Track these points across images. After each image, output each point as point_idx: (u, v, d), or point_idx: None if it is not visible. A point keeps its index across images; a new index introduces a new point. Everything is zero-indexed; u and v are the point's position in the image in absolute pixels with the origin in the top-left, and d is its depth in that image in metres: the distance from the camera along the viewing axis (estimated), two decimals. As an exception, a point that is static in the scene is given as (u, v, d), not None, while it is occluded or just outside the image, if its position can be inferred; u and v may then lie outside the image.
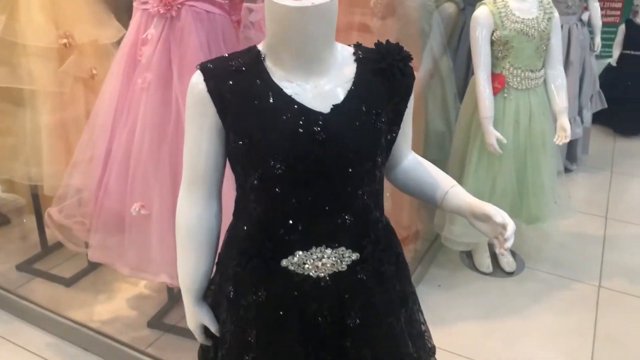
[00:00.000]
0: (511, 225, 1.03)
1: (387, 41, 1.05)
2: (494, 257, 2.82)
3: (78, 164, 2.02)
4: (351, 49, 1.05)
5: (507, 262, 2.80)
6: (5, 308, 2.45)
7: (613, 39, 4.63)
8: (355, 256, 1.03)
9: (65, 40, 2.07)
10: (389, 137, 1.05)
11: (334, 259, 1.01)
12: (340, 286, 1.02)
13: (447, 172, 2.75)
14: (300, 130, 0.94)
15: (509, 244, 1.03)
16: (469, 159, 2.51)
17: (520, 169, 2.50)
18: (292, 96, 0.96)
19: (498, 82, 2.37)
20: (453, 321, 2.44)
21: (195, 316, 1.17)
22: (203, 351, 1.25)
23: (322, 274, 1.02)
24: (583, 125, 3.70)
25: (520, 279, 2.76)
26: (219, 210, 1.11)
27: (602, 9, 5.00)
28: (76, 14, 2.10)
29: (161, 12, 1.75)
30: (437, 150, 2.89)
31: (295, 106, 0.95)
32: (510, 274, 2.77)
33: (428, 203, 1.18)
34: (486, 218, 1.06)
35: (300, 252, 1.00)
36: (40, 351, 2.22)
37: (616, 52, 4.49)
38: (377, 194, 1.07)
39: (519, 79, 2.37)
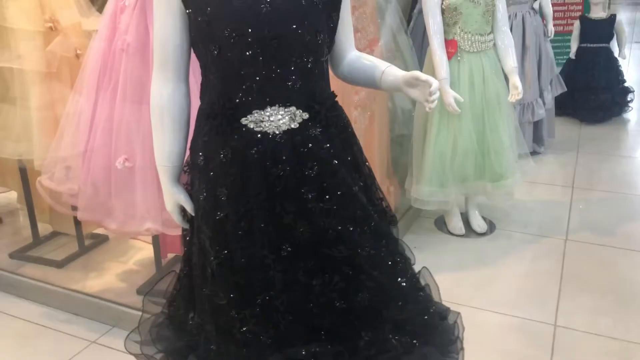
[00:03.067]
0: (435, 82, 1.21)
1: None
2: (467, 222, 2.98)
3: (65, 131, 2.18)
4: None
5: (479, 224, 2.95)
6: (-1, 287, 2.55)
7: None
8: (305, 115, 1.19)
9: (50, 24, 2.27)
10: (329, 22, 1.23)
11: (287, 117, 1.17)
12: (295, 141, 1.18)
13: (412, 142, 2.93)
14: (250, 3, 1.12)
15: (434, 97, 1.20)
16: (430, 122, 2.70)
17: (479, 129, 2.69)
18: None
19: (451, 47, 2.59)
20: (428, 274, 2.56)
21: (172, 196, 1.31)
22: (183, 237, 1.38)
23: (277, 131, 1.17)
24: (545, 107, 3.93)
25: (492, 238, 2.91)
26: (187, 92, 1.27)
27: (562, 18, 5.38)
28: (60, 1, 2.31)
29: (136, -19, 1.95)
30: (404, 126, 3.08)
31: None
32: (482, 234, 2.92)
33: (371, 86, 1.36)
34: (415, 81, 1.23)
35: (257, 111, 1.16)
36: (33, 319, 2.31)
37: (574, 46, 4.77)
38: (323, 68, 1.24)
39: (470, 43, 2.59)
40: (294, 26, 1.14)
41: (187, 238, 1.35)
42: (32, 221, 2.87)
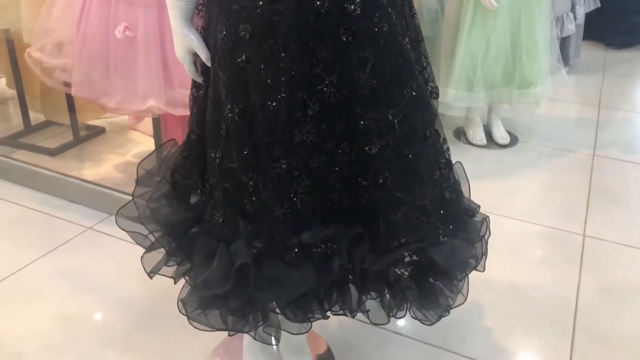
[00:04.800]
0: None
1: None
2: (488, 134, 2.80)
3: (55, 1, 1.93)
4: None
5: (501, 135, 2.77)
6: (-12, 171, 2.37)
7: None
8: None
9: None
10: None
11: None
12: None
13: (441, 42, 2.68)
14: None
15: None
16: (462, 18, 2.45)
17: (515, 29, 2.45)
18: None
19: None
20: (447, 181, 2.40)
21: (184, 39, 1.10)
22: (194, 95, 1.19)
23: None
24: (576, 22, 3.65)
25: (515, 150, 2.73)
26: None
27: None
28: None
29: None
30: (429, 27, 2.83)
31: None
32: (504, 146, 2.74)
33: None
34: None
35: None
36: (26, 203, 2.15)
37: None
38: None
39: None
40: None
41: (199, 94, 1.15)
42: (22, 108, 2.67)
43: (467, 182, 1.30)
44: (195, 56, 1.12)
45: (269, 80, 0.99)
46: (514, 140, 2.80)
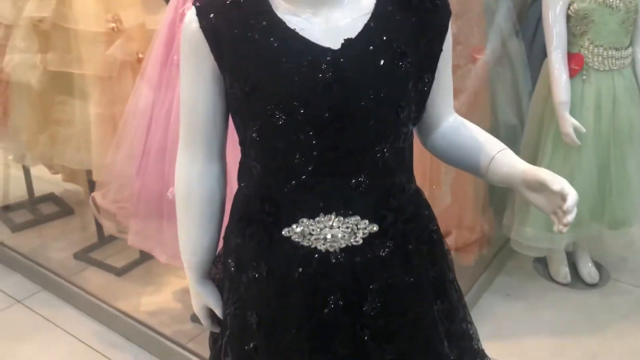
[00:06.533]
0: (572, 195, 0.83)
1: None
2: (573, 267, 2.51)
3: (120, 147, 1.99)
4: None
5: (589, 272, 2.47)
6: (58, 294, 2.47)
7: None
8: (373, 228, 0.86)
9: (113, 25, 2.06)
10: (419, 85, 0.88)
11: (346, 230, 0.85)
12: (355, 263, 0.85)
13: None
14: (304, 70, 0.79)
15: (570, 218, 0.83)
16: (542, 151, 2.24)
17: (603, 163, 2.19)
18: (297, 31, 0.81)
19: (575, 63, 2.09)
20: (522, 336, 2.16)
21: (198, 297, 1.04)
22: (214, 340, 1.11)
23: (332, 248, 0.85)
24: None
25: (604, 292, 2.42)
26: (222, 172, 0.98)
27: None
28: (125, -2, 2.09)
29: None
30: (508, 146, 2.62)
31: (300, 43, 0.81)
32: (592, 286, 2.44)
33: (472, 173, 0.99)
34: (541, 187, 0.86)
35: (306, 220, 0.84)
36: (83, 337, 2.20)
37: None
38: (403, 155, 0.89)
39: (600, 59, 2.08)
40: (366, 102, 0.81)
41: (217, 345, 1.08)
42: (97, 221, 2.77)
43: None
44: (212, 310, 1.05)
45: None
46: (604, 276, 2.49)
